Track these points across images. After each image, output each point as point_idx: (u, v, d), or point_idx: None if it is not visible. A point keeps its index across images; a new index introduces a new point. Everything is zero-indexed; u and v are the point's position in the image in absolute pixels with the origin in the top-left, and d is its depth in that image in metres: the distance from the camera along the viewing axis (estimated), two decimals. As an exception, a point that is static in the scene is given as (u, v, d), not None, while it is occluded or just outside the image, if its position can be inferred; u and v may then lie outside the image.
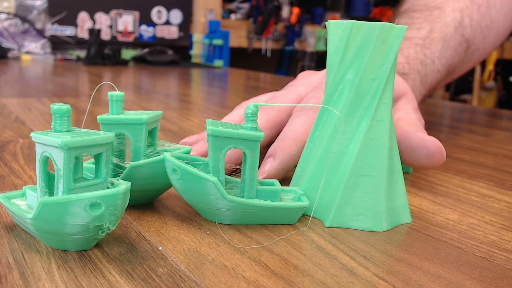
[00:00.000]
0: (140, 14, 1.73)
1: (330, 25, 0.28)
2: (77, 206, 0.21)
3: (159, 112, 0.30)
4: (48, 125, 0.51)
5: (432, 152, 0.33)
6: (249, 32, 2.09)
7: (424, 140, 0.33)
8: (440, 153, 0.33)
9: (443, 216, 0.30)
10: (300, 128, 0.34)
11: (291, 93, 0.40)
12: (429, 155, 0.33)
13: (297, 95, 0.39)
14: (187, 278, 0.21)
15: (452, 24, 0.53)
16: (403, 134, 0.34)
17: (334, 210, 0.27)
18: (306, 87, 0.40)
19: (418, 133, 0.34)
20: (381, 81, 0.28)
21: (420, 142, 0.33)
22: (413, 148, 0.33)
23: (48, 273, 0.21)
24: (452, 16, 0.53)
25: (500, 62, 2.48)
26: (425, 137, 0.33)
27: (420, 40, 0.50)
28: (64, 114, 0.23)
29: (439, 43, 0.51)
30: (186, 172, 0.26)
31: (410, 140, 0.34)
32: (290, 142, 0.33)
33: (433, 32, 0.51)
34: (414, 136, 0.34)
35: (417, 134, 0.34)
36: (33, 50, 1.57)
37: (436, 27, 0.52)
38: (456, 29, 0.53)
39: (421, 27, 0.52)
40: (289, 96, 0.39)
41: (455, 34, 0.53)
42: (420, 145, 0.33)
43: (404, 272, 0.22)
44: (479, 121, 0.75)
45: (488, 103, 2.52)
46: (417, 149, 0.33)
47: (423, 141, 0.33)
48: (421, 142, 0.33)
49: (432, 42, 0.51)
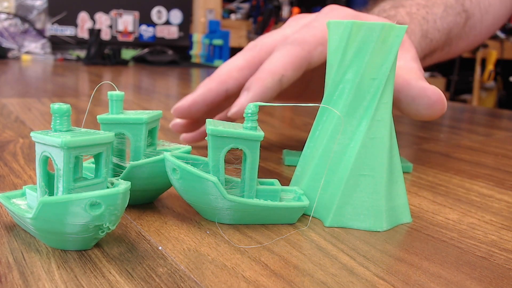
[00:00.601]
0: (140, 14, 1.73)
1: (330, 25, 0.28)
2: (77, 206, 0.21)
3: (159, 111, 0.30)
4: (48, 125, 0.51)
5: (433, 102, 0.32)
6: (249, 32, 2.09)
7: (425, 89, 0.32)
8: (441, 103, 0.31)
9: (443, 216, 0.30)
10: (277, 61, 0.33)
11: (276, 34, 0.39)
12: (430, 105, 0.32)
13: (282, 36, 0.39)
14: (187, 278, 0.21)
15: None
16: (403, 82, 0.33)
17: (334, 209, 0.27)
18: (293, 29, 0.39)
19: (419, 82, 0.32)
20: (381, 80, 0.28)
21: (421, 91, 0.32)
22: (413, 97, 0.32)
23: (48, 273, 0.21)
24: None
25: (500, 62, 2.48)
26: (427, 86, 0.32)
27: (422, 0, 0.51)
28: (64, 113, 0.23)
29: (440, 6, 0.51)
30: (186, 171, 0.26)
31: (410, 89, 0.32)
32: (265, 75, 0.33)
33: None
34: (415, 84, 0.32)
35: (418, 82, 0.32)
36: (33, 50, 1.57)
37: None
38: None
39: None
40: (274, 36, 0.39)
41: (455, 3, 0.53)
42: (421, 94, 0.32)
43: (404, 272, 0.22)
44: (479, 121, 0.75)
45: (488, 103, 2.52)
46: (417, 98, 0.32)
47: (424, 90, 0.32)
48: (422, 91, 0.32)
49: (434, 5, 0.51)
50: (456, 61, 2.50)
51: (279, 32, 0.39)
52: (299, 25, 0.39)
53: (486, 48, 2.46)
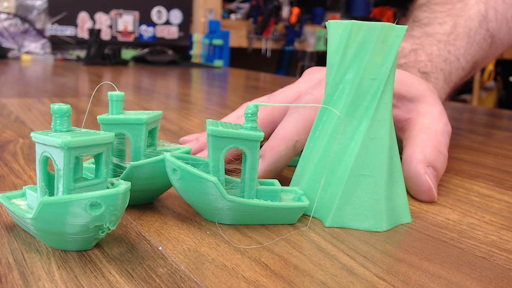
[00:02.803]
0: (140, 14, 1.73)
1: (330, 25, 0.28)
2: (77, 206, 0.21)
3: (159, 112, 0.30)
4: (48, 125, 0.51)
5: (421, 191, 0.32)
6: (249, 32, 2.09)
7: (418, 177, 0.32)
8: (428, 196, 0.32)
9: (443, 216, 0.30)
10: (291, 127, 0.33)
11: (291, 91, 0.39)
12: (417, 192, 0.32)
13: (296, 92, 0.38)
14: (187, 278, 0.21)
15: (476, 18, 0.50)
16: (407, 157, 0.33)
17: (334, 210, 0.27)
18: (307, 84, 0.39)
19: (419, 165, 0.32)
20: (381, 81, 0.28)
21: (414, 176, 0.32)
22: (407, 177, 0.33)
23: (48, 273, 0.21)
24: (476, 9, 0.50)
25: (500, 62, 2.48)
26: (421, 174, 0.32)
27: (443, 36, 0.48)
28: (64, 114, 0.23)
29: (464, 39, 0.48)
30: (186, 172, 0.26)
31: (409, 167, 0.33)
32: (279, 142, 0.32)
33: (457, 27, 0.49)
34: (414, 167, 0.32)
35: (417, 166, 0.32)
36: (33, 50, 1.57)
37: (460, 21, 0.49)
38: (480, 23, 0.50)
39: (444, 21, 0.49)
40: (288, 93, 0.38)
41: (479, 28, 0.50)
42: (413, 178, 0.32)
43: (404, 272, 0.22)
44: (479, 121, 0.75)
45: (488, 103, 2.52)
46: (410, 180, 0.32)
47: (418, 177, 0.32)
48: (416, 177, 0.32)
49: (457, 38, 0.48)
50: (456, 61, 2.48)
51: (293, 88, 0.39)
52: (313, 80, 0.39)
53: (486, 48, 2.45)
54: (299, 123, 0.33)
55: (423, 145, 0.34)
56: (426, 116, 0.36)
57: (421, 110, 0.37)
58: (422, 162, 0.33)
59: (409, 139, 0.35)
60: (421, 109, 0.37)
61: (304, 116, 0.33)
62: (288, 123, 0.34)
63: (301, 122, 0.33)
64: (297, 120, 0.33)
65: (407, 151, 0.34)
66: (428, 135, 0.35)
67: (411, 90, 0.37)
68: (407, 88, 0.37)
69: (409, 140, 0.35)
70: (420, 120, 0.36)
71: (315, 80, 0.39)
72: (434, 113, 0.37)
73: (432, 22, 0.49)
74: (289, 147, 0.33)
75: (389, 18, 2.33)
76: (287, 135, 0.33)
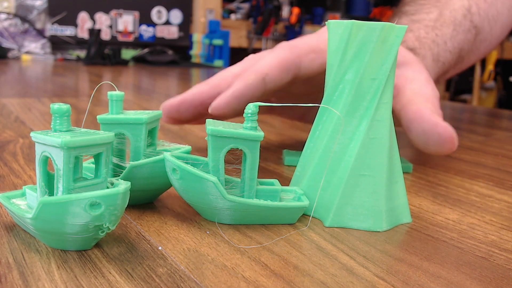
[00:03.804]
0: (140, 14, 1.73)
1: (330, 25, 0.28)
2: (77, 206, 0.21)
3: (159, 111, 0.30)
4: (48, 125, 0.51)
5: (443, 140, 0.31)
6: (249, 32, 2.09)
7: (437, 126, 0.31)
8: (451, 142, 0.31)
9: (443, 216, 0.30)
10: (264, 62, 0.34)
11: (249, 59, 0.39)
12: (439, 143, 0.31)
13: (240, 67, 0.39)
14: (187, 278, 0.21)
15: (460, 11, 0.52)
16: (416, 113, 0.32)
17: (334, 210, 0.27)
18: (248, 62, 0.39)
19: (432, 116, 0.32)
20: (381, 81, 0.28)
21: (433, 127, 0.31)
22: (424, 131, 0.32)
23: (48, 273, 0.21)
24: (460, 3, 0.53)
25: (500, 62, 2.48)
26: (439, 122, 0.31)
27: (430, 22, 0.49)
28: (64, 114, 0.23)
29: (449, 26, 0.50)
30: (186, 172, 0.26)
31: (422, 122, 0.32)
32: (249, 74, 0.33)
33: (443, 16, 0.50)
34: (427, 118, 0.32)
35: (431, 117, 0.32)
36: (33, 50, 1.57)
37: (445, 12, 0.51)
38: (464, 15, 0.52)
39: (430, 11, 0.51)
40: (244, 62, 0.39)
41: (464, 20, 0.52)
42: (432, 130, 0.31)
43: (404, 272, 0.22)
44: (479, 121, 0.75)
45: (488, 103, 2.52)
46: (428, 133, 0.31)
47: (436, 126, 0.31)
48: (434, 127, 0.31)
49: (443, 25, 0.49)
50: (456, 61, 2.49)
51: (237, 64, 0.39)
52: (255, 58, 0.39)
53: (486, 48, 2.45)
54: (271, 59, 0.34)
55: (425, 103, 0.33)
56: (414, 81, 0.36)
57: (408, 76, 0.37)
58: (435, 113, 0.32)
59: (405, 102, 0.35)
60: (408, 75, 0.37)
61: (278, 54, 0.34)
62: (263, 60, 0.35)
63: (275, 59, 0.34)
64: (271, 57, 0.34)
65: (411, 110, 0.33)
66: (422, 97, 0.35)
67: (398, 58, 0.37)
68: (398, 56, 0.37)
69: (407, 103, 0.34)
70: (409, 86, 0.36)
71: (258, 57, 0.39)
72: (421, 78, 0.37)
73: (418, 12, 0.51)
74: (258, 77, 0.33)
75: (389, 18, 2.33)
76: (258, 68, 0.34)
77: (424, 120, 0.32)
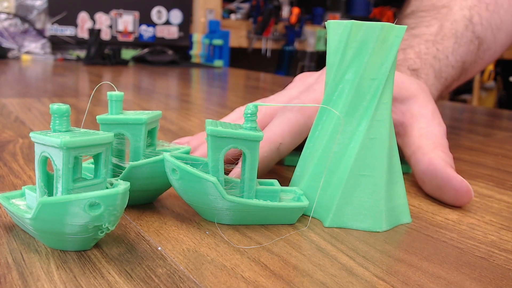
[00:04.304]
0: (140, 14, 1.73)
1: (330, 25, 0.28)
2: (76, 206, 0.21)
3: (159, 112, 0.30)
4: (48, 125, 0.51)
5: (459, 195, 0.31)
6: (249, 32, 2.09)
7: (452, 180, 0.31)
8: (467, 197, 0.31)
9: (443, 216, 0.30)
10: (276, 130, 0.33)
11: (282, 97, 0.38)
12: (456, 198, 0.31)
13: (288, 98, 0.38)
14: (186, 278, 0.21)
15: (462, 22, 0.51)
16: (430, 166, 0.32)
17: (334, 210, 0.27)
18: (298, 90, 0.39)
19: (446, 169, 0.32)
20: (381, 81, 0.28)
21: (448, 182, 0.31)
22: (439, 186, 0.32)
23: (47, 273, 0.21)
24: (461, 14, 0.51)
25: (500, 62, 2.48)
26: (453, 176, 0.31)
27: (431, 36, 0.48)
28: (63, 114, 0.23)
29: (451, 39, 0.49)
30: (186, 172, 0.26)
31: (436, 176, 0.32)
32: (263, 144, 0.32)
33: (444, 28, 0.49)
34: (441, 172, 0.32)
35: (445, 170, 0.31)
36: (33, 50, 1.57)
37: (446, 24, 0.50)
38: (466, 26, 0.51)
39: (430, 24, 0.50)
40: (279, 99, 0.38)
41: (465, 31, 0.50)
42: (447, 185, 0.31)
43: (404, 272, 0.22)
44: (479, 121, 0.75)
45: (488, 103, 2.52)
46: (443, 188, 0.31)
47: (451, 181, 0.31)
48: (449, 182, 0.31)
49: (444, 38, 0.48)
50: (456, 61, 2.49)
51: (284, 95, 0.39)
52: (305, 85, 0.39)
53: (486, 48, 2.45)
54: (284, 126, 0.33)
55: (434, 150, 0.33)
56: (421, 119, 0.36)
57: (415, 113, 0.37)
58: (448, 165, 0.32)
59: (415, 149, 0.34)
60: (414, 111, 0.37)
61: (289, 119, 0.34)
62: (274, 125, 0.34)
63: (286, 125, 0.33)
64: (282, 123, 0.34)
65: (423, 161, 0.33)
66: (431, 140, 0.34)
67: (402, 92, 0.37)
68: (398, 90, 0.37)
69: (416, 150, 0.34)
70: (416, 125, 0.36)
71: (305, 86, 0.39)
72: (428, 114, 0.36)
73: (418, 25, 0.50)
74: (272, 149, 0.33)
75: (389, 18, 2.33)
76: (271, 137, 0.33)
77: (437, 174, 0.32)
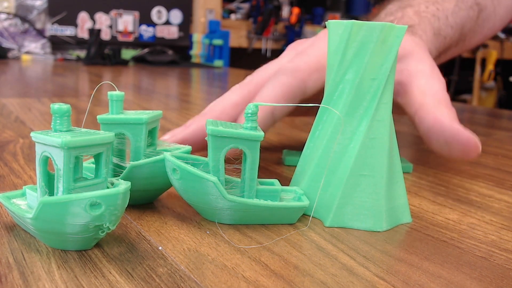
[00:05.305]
0: (140, 14, 1.73)
1: (330, 25, 0.28)
2: (77, 206, 0.21)
3: (159, 112, 0.30)
4: (48, 125, 0.51)
5: (468, 149, 0.30)
6: (249, 32, 2.09)
7: (459, 134, 0.30)
8: (476, 150, 0.30)
9: (443, 216, 0.30)
10: (268, 94, 0.33)
11: (273, 65, 0.38)
12: (465, 152, 0.30)
13: (278, 66, 0.37)
14: (187, 278, 0.21)
15: None
16: (435, 123, 0.31)
17: (334, 210, 0.27)
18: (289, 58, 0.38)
19: (452, 124, 0.31)
20: (381, 81, 0.28)
21: (455, 136, 0.30)
22: (446, 142, 0.31)
23: (48, 273, 0.21)
24: None
25: (500, 62, 2.48)
26: (461, 130, 0.30)
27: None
28: (64, 114, 0.23)
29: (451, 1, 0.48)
30: (186, 172, 0.26)
31: (443, 131, 0.31)
32: None
33: None
34: (448, 127, 0.31)
35: (452, 125, 0.31)
36: (33, 50, 1.57)
37: None
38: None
39: None
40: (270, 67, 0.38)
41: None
42: (454, 139, 0.30)
43: (404, 272, 0.22)
44: (479, 121, 0.75)
45: (488, 103, 2.52)
46: (451, 143, 0.31)
47: (458, 135, 0.30)
48: (456, 136, 0.30)
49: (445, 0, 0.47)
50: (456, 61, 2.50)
51: (275, 63, 0.38)
52: (296, 53, 0.38)
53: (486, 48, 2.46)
54: (277, 90, 0.33)
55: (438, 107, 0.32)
56: (419, 75, 0.35)
57: (412, 70, 0.36)
58: (454, 120, 0.31)
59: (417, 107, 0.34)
60: (411, 68, 0.36)
61: (283, 83, 0.33)
62: (267, 90, 0.33)
63: (280, 89, 0.33)
64: (275, 87, 0.33)
65: (427, 119, 0.32)
66: (432, 96, 0.33)
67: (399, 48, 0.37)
68: None
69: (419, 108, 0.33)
70: (416, 82, 0.35)
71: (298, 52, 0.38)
72: (426, 69, 0.35)
73: None
74: (267, 113, 0.32)
75: None
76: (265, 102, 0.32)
77: (444, 130, 0.31)
